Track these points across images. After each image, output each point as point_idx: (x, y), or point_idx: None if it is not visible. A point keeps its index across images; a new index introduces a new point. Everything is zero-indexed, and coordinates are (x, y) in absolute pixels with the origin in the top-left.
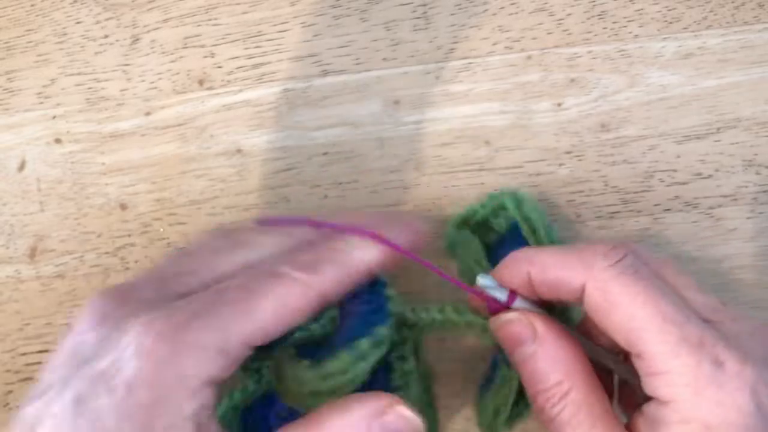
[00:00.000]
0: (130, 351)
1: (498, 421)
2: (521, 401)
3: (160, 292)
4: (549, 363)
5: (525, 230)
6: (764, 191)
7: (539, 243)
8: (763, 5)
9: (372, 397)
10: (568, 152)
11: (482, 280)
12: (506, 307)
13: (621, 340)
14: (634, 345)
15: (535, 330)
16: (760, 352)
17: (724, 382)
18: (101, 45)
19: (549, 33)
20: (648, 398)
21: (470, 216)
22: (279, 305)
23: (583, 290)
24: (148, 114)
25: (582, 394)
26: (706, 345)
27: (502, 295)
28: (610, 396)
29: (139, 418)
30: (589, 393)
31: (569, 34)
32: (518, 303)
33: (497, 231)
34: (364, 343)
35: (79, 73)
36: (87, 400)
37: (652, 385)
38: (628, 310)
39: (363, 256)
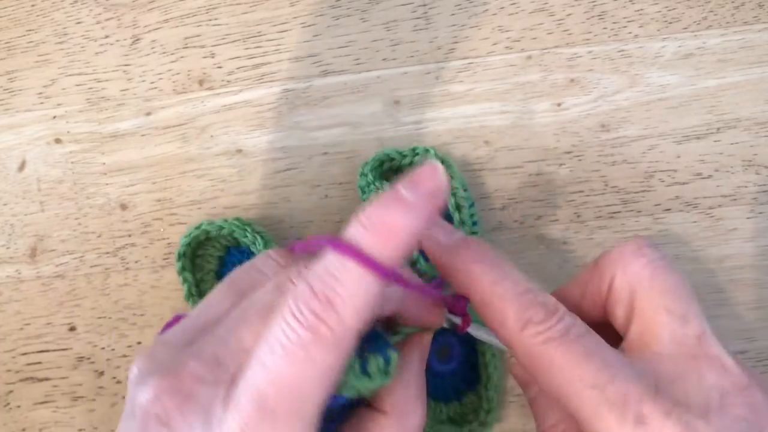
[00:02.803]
0: (140, 413)
1: None
2: None
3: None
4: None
5: None
6: (764, 191)
7: (458, 206)
8: (763, 5)
9: None
10: (568, 152)
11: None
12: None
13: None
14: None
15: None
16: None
17: None
18: (102, 45)
19: (549, 33)
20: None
21: (385, 159)
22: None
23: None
24: (148, 114)
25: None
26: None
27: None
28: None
29: None
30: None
31: (569, 34)
32: (472, 329)
33: None
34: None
35: (79, 74)
36: None
37: None
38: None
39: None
